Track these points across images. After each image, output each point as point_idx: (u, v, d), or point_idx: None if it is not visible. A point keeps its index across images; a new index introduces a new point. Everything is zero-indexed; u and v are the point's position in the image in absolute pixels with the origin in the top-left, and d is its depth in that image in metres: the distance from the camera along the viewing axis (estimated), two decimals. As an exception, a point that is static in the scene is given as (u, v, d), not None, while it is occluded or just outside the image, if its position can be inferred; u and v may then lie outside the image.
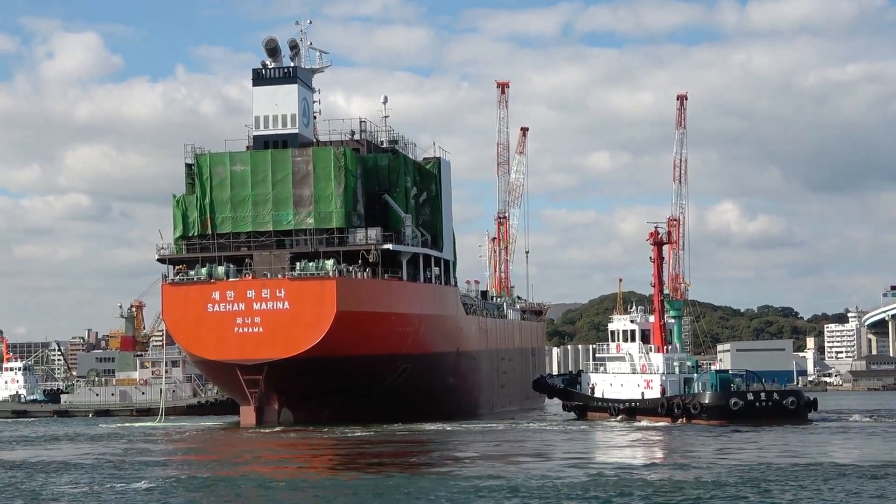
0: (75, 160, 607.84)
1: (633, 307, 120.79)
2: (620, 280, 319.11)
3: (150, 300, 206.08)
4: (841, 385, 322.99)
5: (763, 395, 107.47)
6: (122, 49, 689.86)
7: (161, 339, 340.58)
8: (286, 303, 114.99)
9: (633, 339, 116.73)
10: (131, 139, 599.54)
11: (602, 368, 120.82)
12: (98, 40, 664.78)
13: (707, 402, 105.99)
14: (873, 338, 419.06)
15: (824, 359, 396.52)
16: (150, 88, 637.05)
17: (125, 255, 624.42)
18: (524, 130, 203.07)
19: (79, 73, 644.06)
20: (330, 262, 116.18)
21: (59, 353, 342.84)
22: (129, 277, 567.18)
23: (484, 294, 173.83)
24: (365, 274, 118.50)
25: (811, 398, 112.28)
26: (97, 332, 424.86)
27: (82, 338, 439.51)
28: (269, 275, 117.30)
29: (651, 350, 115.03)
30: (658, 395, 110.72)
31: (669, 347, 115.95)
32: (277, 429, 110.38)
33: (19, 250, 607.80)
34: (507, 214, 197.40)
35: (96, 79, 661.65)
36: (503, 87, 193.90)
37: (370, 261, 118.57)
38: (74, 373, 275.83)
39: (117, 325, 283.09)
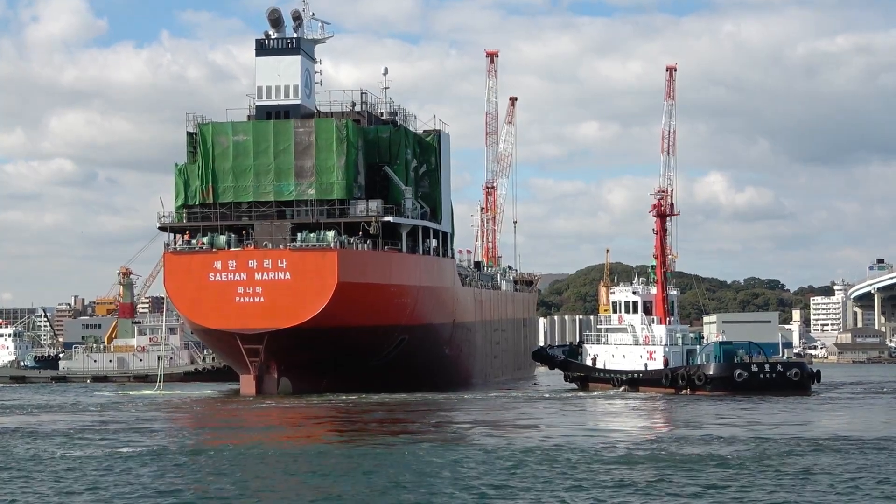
0: (60, 125, 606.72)
1: (636, 278, 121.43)
2: (608, 251, 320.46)
3: (136, 267, 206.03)
4: (826, 357, 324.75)
5: (767, 366, 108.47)
6: (107, 12, 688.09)
7: (148, 305, 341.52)
8: (287, 273, 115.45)
9: (635, 311, 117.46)
10: (117, 105, 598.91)
11: (603, 340, 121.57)
12: (83, 3, 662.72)
13: (711, 373, 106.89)
14: (859, 311, 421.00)
15: (810, 331, 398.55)
16: (136, 54, 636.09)
17: (111, 222, 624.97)
18: (513, 100, 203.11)
19: (64, 37, 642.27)
20: (331, 234, 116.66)
21: (46, 319, 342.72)
22: (116, 244, 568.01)
23: (478, 265, 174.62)
24: (366, 246, 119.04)
25: (814, 370, 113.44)
26: (83, 299, 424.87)
27: (69, 304, 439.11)
28: (269, 245, 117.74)
29: (653, 321, 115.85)
30: (661, 367, 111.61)
31: (672, 319, 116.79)
32: (276, 398, 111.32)
33: (4, 216, 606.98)
34: (495, 184, 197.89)
35: (81, 43, 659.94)
36: (492, 56, 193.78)
37: (371, 232, 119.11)
38: (61, 339, 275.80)
39: (104, 292, 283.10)
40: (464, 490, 47.29)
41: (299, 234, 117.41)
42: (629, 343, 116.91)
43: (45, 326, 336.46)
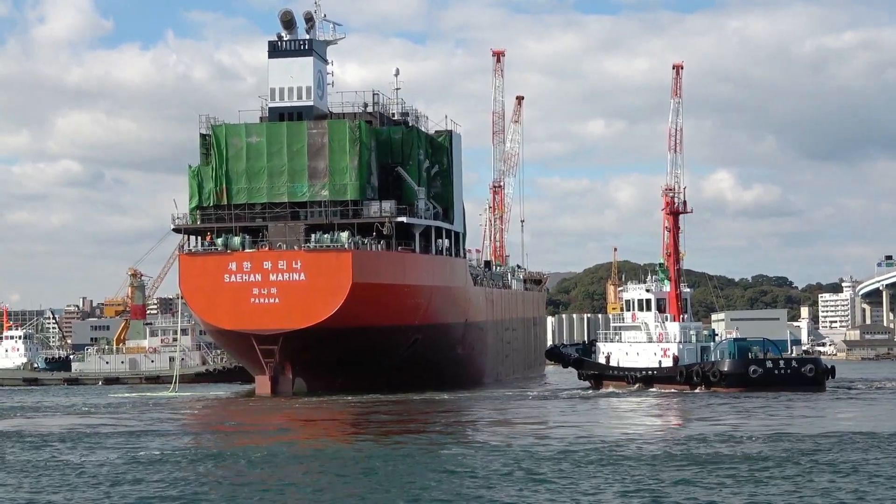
0: (66, 126, 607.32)
1: (649, 276, 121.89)
2: (615, 249, 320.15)
3: (142, 267, 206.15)
4: (835, 354, 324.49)
5: (782, 362, 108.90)
6: (113, 12, 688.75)
7: (156, 307, 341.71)
8: (302, 274, 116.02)
9: (648, 309, 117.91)
10: (123, 105, 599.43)
11: (617, 338, 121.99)
12: (88, 4, 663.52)
13: (726, 369, 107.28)
14: (867, 307, 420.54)
15: (818, 328, 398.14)
16: (141, 54, 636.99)
17: (118, 222, 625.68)
18: (519, 99, 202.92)
19: (69, 38, 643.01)
20: (345, 235, 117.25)
21: (54, 321, 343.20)
22: (123, 244, 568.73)
23: (487, 264, 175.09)
24: (379, 246, 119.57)
25: (829, 366, 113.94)
26: (91, 301, 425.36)
27: (77, 306, 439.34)
28: (284, 246, 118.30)
29: (667, 319, 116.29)
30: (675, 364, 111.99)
31: (685, 316, 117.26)
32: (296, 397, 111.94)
33: (11, 216, 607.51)
34: (502, 183, 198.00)
35: (87, 43, 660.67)
36: (498, 55, 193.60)
37: (384, 233, 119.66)
38: (69, 341, 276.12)
39: (111, 292, 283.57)
40: (486, 489, 47.71)
41: (313, 235, 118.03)
42: (643, 341, 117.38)
43: (53, 328, 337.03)
